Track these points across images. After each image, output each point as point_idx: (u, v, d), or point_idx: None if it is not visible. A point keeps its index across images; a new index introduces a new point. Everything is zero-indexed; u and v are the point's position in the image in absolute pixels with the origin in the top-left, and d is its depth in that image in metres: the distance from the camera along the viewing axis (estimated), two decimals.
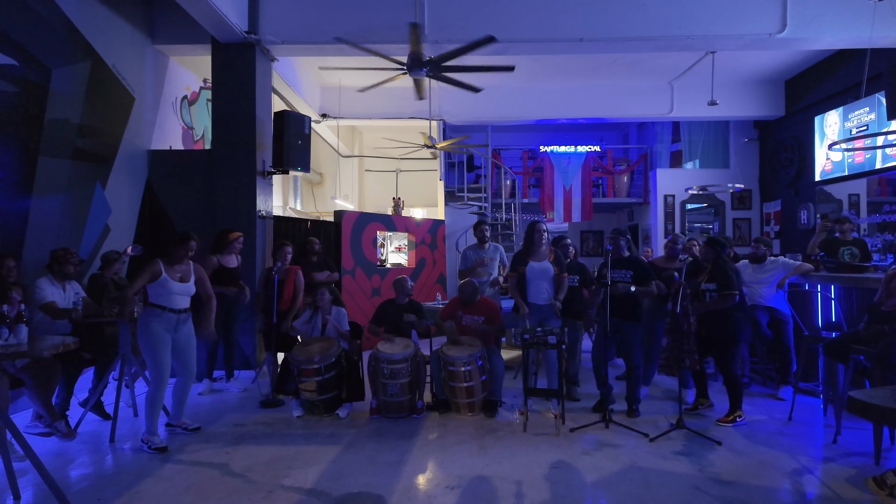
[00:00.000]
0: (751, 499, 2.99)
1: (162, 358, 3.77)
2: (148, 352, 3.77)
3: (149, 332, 3.75)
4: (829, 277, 4.99)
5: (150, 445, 3.71)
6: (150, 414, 3.77)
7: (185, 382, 4.05)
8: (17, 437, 2.93)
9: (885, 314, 3.69)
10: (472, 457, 3.59)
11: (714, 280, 4.22)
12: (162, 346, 3.77)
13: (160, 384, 3.79)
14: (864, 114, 7.13)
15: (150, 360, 3.78)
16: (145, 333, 3.75)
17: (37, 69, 4.61)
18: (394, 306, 4.91)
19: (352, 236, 7.55)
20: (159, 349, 3.76)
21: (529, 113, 9.38)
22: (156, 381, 3.79)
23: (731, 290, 4.13)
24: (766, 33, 6.04)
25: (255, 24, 6.07)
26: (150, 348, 3.75)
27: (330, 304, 4.82)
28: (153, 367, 3.78)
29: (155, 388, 3.78)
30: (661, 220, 10.28)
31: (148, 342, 3.75)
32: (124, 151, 5.75)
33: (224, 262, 5.21)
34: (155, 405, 3.78)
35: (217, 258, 5.18)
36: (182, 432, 4.05)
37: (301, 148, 6.23)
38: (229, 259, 5.27)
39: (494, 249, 5.94)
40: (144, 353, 3.80)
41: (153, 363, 3.77)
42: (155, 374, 3.78)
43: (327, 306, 4.79)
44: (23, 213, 4.47)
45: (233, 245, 5.25)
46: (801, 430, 4.09)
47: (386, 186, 12.29)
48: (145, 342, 3.76)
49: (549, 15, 6.11)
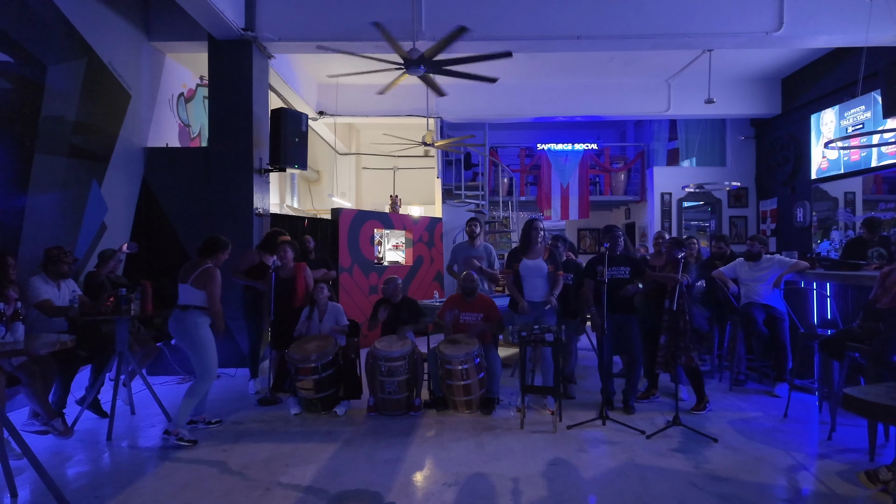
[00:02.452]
0: (747, 495, 3.01)
1: (214, 354, 3.91)
2: (203, 350, 3.86)
3: (205, 329, 3.88)
4: (824, 275, 5.01)
5: (180, 437, 3.76)
6: (187, 406, 3.83)
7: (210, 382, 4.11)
8: (14, 436, 2.92)
9: (880, 312, 3.71)
10: (470, 454, 3.60)
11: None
12: (213, 343, 3.92)
13: (210, 378, 3.91)
14: (859, 112, 7.15)
15: (205, 357, 3.86)
16: (199, 333, 3.85)
17: (32, 66, 4.59)
18: (389, 305, 4.91)
19: (349, 234, 7.54)
20: (213, 347, 3.91)
21: (527, 111, 9.37)
22: (206, 376, 3.88)
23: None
24: (762, 31, 6.05)
25: (251, 21, 6.05)
26: (207, 346, 3.87)
27: (328, 299, 4.83)
28: (207, 363, 3.87)
29: (204, 382, 3.88)
30: (658, 218, 10.30)
31: (203, 340, 3.86)
32: (120, 149, 5.74)
33: (264, 259, 5.25)
34: (195, 399, 3.86)
35: (259, 254, 5.28)
36: (204, 427, 4.12)
37: (298, 145, 6.22)
38: (270, 258, 5.26)
39: (485, 249, 5.91)
40: (199, 351, 3.86)
41: (209, 359, 3.87)
42: (206, 369, 3.88)
43: (325, 301, 4.79)
44: (18, 211, 4.45)
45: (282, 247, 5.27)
46: (796, 427, 4.11)
47: (383, 184, 12.28)
48: (200, 340, 3.85)
49: (546, 12, 6.11)
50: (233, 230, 6.02)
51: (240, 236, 6.03)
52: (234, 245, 5.93)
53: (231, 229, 6.02)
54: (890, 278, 3.78)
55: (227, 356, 5.90)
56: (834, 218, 7.90)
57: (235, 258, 4.91)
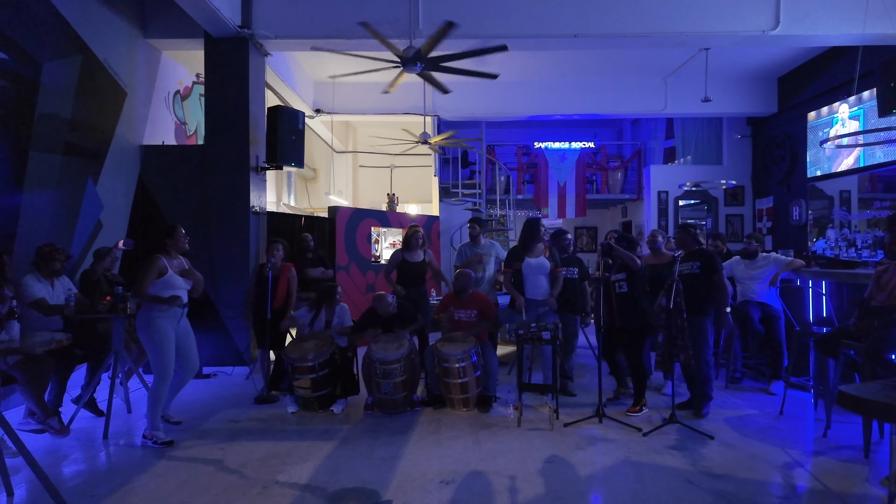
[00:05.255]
0: (742, 492, 3.02)
1: (168, 353, 3.74)
2: (153, 348, 3.72)
3: (155, 327, 3.70)
4: (820, 273, 5.03)
5: (155, 440, 3.69)
6: (153, 409, 3.74)
7: (185, 377, 4.04)
8: (9, 434, 2.91)
9: (875, 309, 3.72)
10: (467, 451, 3.61)
11: (623, 270, 4.43)
12: (168, 342, 3.74)
13: (164, 380, 3.75)
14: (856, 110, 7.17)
15: (156, 355, 3.73)
16: (150, 329, 3.70)
17: (27, 63, 4.56)
18: (380, 317, 4.76)
19: (346, 232, 7.54)
20: (165, 345, 3.73)
21: (524, 109, 9.38)
22: (160, 377, 3.74)
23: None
24: (759, 30, 6.07)
25: (248, 18, 6.03)
26: (157, 344, 3.71)
27: (340, 299, 4.84)
28: (158, 362, 3.73)
29: (159, 384, 3.74)
30: (655, 217, 10.32)
31: (154, 338, 3.71)
32: (116, 146, 5.71)
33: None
34: (158, 400, 3.75)
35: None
36: (163, 425, 3.95)
37: (295, 143, 6.21)
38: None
39: (490, 246, 5.93)
40: (149, 348, 3.75)
41: (158, 358, 3.73)
42: (160, 369, 3.74)
43: (338, 301, 4.81)
44: (14, 209, 4.43)
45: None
46: (791, 425, 4.13)
47: (380, 182, 12.26)
48: (150, 338, 3.71)
49: (543, 10, 6.11)
50: (229, 228, 6.02)
51: (236, 234, 6.03)
52: (231, 243, 5.98)
53: (227, 227, 6.02)
54: (885, 276, 3.79)
55: (223, 354, 5.91)
56: (830, 216, 7.93)
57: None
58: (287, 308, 5.08)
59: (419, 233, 5.35)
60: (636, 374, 4.40)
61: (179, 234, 3.93)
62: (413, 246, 5.26)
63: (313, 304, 4.86)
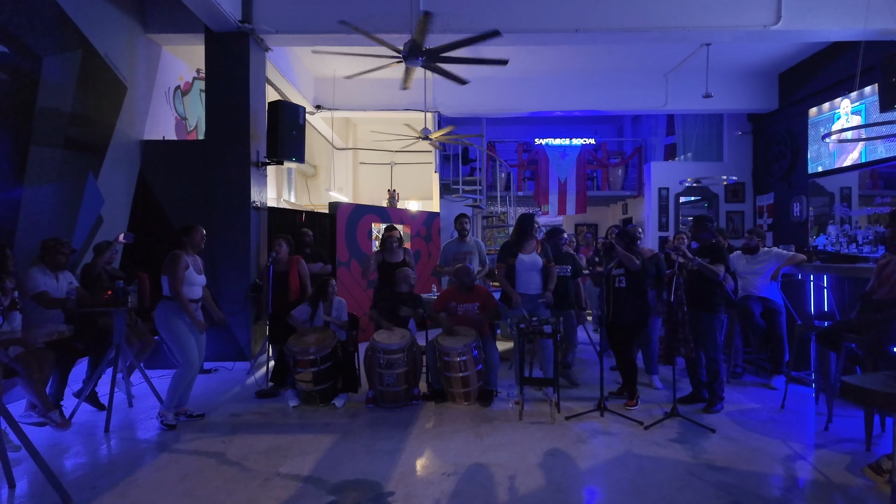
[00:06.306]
0: (744, 484, 3.02)
1: (190, 344, 3.93)
2: (175, 340, 3.90)
3: (174, 322, 3.88)
4: (821, 267, 5.03)
5: (164, 421, 3.91)
6: (173, 392, 3.94)
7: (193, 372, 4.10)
8: (12, 426, 2.91)
9: (876, 303, 3.72)
10: (469, 444, 3.61)
11: (622, 266, 4.41)
12: (187, 334, 3.92)
13: (191, 368, 3.94)
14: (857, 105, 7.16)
15: (178, 347, 3.91)
16: (169, 324, 3.88)
17: (28, 57, 4.55)
18: (393, 293, 4.90)
19: (347, 228, 7.52)
20: (186, 337, 3.91)
21: (524, 105, 9.36)
22: (186, 365, 3.93)
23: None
24: (760, 25, 6.06)
25: (248, 13, 6.02)
26: (177, 336, 3.89)
27: (335, 292, 4.85)
28: (182, 352, 3.91)
29: (185, 371, 3.93)
30: (655, 213, 10.31)
31: (174, 331, 3.89)
32: (117, 141, 5.70)
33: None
34: (179, 386, 3.94)
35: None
36: (185, 419, 4.10)
37: (296, 139, 6.20)
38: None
39: (475, 245, 5.92)
40: (171, 342, 3.92)
41: (182, 350, 3.90)
42: (185, 360, 3.92)
43: (333, 295, 4.81)
44: (14, 203, 4.42)
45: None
46: (793, 418, 4.13)
47: (381, 179, 12.24)
48: (171, 332, 3.89)
49: (544, 5, 6.10)
50: (230, 223, 6.02)
51: (237, 230, 6.02)
52: (232, 238, 5.98)
53: (228, 223, 6.02)
54: (887, 269, 3.79)
55: (224, 350, 5.90)
56: (830, 213, 7.92)
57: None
58: (304, 300, 5.06)
59: (395, 234, 5.44)
60: (626, 369, 4.43)
61: (199, 233, 4.08)
62: (391, 247, 5.32)
63: (311, 301, 4.86)
